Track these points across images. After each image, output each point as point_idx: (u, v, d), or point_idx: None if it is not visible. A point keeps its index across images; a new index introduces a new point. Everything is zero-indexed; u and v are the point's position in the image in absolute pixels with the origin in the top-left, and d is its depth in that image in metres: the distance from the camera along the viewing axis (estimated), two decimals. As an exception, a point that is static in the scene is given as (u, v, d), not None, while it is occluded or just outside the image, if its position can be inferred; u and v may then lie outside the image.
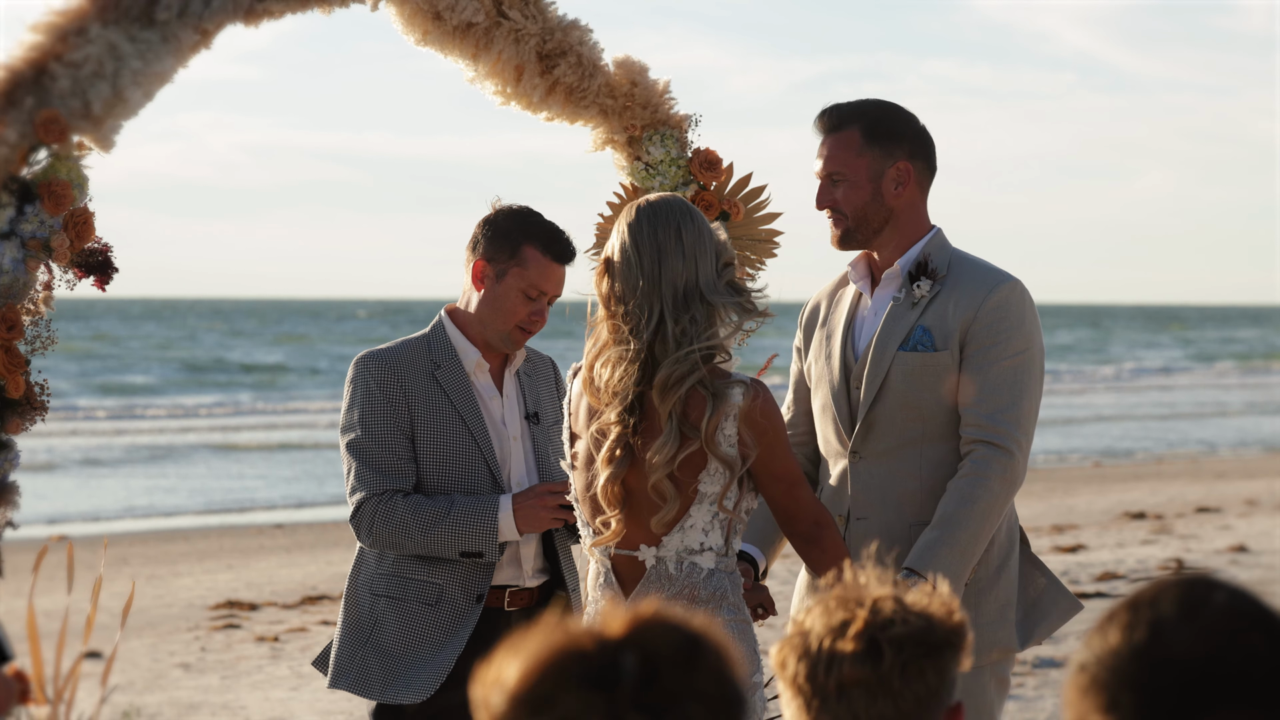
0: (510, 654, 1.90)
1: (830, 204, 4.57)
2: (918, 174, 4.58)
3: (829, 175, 4.57)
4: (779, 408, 4.09)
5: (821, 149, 4.59)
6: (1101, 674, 1.93)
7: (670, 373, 3.96)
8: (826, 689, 2.32)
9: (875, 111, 4.58)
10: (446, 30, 4.54)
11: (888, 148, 4.55)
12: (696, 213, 4.08)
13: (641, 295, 3.99)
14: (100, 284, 4.11)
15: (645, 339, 3.98)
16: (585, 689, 1.84)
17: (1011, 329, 4.47)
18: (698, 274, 4.01)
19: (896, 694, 2.33)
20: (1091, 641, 1.97)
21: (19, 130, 3.92)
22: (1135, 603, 1.96)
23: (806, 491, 4.14)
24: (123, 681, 9.64)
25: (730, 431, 3.99)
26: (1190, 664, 1.89)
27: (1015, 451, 4.41)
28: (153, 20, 4.00)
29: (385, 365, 4.77)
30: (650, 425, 4.00)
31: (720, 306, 4.01)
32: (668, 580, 4.04)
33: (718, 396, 3.97)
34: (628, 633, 1.88)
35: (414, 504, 4.69)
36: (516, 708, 1.86)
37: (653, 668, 1.86)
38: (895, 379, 4.50)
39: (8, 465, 4.04)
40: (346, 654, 4.79)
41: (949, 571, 4.29)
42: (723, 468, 3.99)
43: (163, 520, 17.49)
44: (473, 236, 4.83)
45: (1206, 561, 12.81)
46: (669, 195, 4.13)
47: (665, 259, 4.00)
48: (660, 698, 1.86)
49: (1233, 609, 1.93)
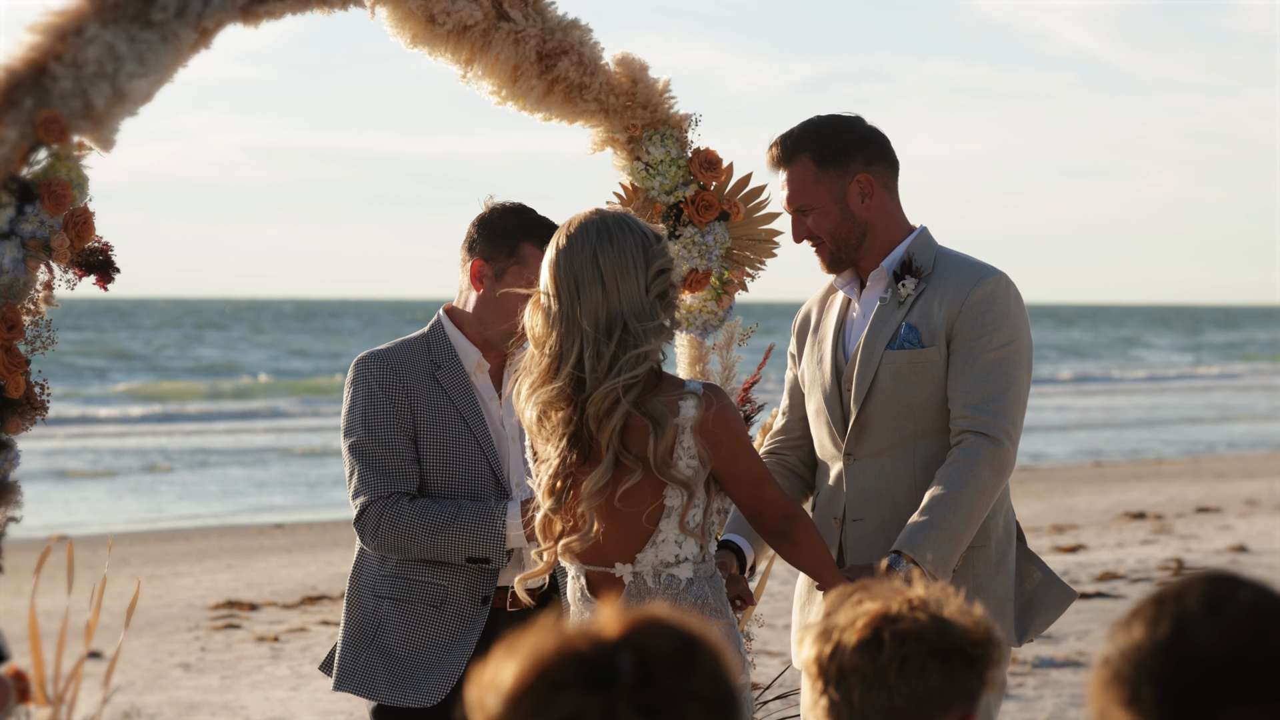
0: (505, 655, 1.90)
1: (806, 235, 4.60)
2: (879, 179, 4.58)
3: (796, 209, 4.60)
4: (735, 411, 4.02)
5: (782, 185, 4.61)
6: (1124, 668, 1.94)
7: (599, 408, 3.88)
8: (830, 673, 2.35)
9: (820, 133, 4.58)
10: (440, 34, 4.53)
11: (841, 166, 4.56)
12: (619, 227, 3.92)
13: (560, 333, 3.90)
14: (101, 283, 4.12)
15: (568, 374, 3.90)
16: (581, 690, 1.84)
17: (997, 321, 4.47)
18: (620, 300, 3.88)
19: (891, 688, 2.34)
20: (1115, 636, 1.97)
21: (19, 130, 3.92)
22: (1160, 598, 1.97)
23: (773, 488, 4.09)
24: (123, 682, 9.64)
25: (689, 444, 3.93)
26: (1213, 660, 1.90)
27: (1004, 440, 4.42)
28: (150, 20, 4.00)
29: (386, 366, 4.75)
30: (593, 452, 3.94)
31: (641, 334, 3.88)
32: (647, 594, 4.01)
33: (659, 421, 3.88)
34: (624, 633, 1.88)
35: (420, 508, 4.67)
36: (512, 710, 1.86)
37: (649, 668, 1.86)
38: (884, 378, 4.51)
39: (8, 465, 4.04)
40: (350, 656, 4.77)
41: (937, 555, 4.30)
42: (679, 488, 3.95)
43: (162, 520, 17.49)
44: (468, 236, 4.80)
45: (1206, 561, 12.81)
46: (589, 215, 3.96)
47: (582, 290, 3.88)
48: (657, 698, 1.85)
49: (1257, 606, 1.93)
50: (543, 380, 3.94)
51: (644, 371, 3.91)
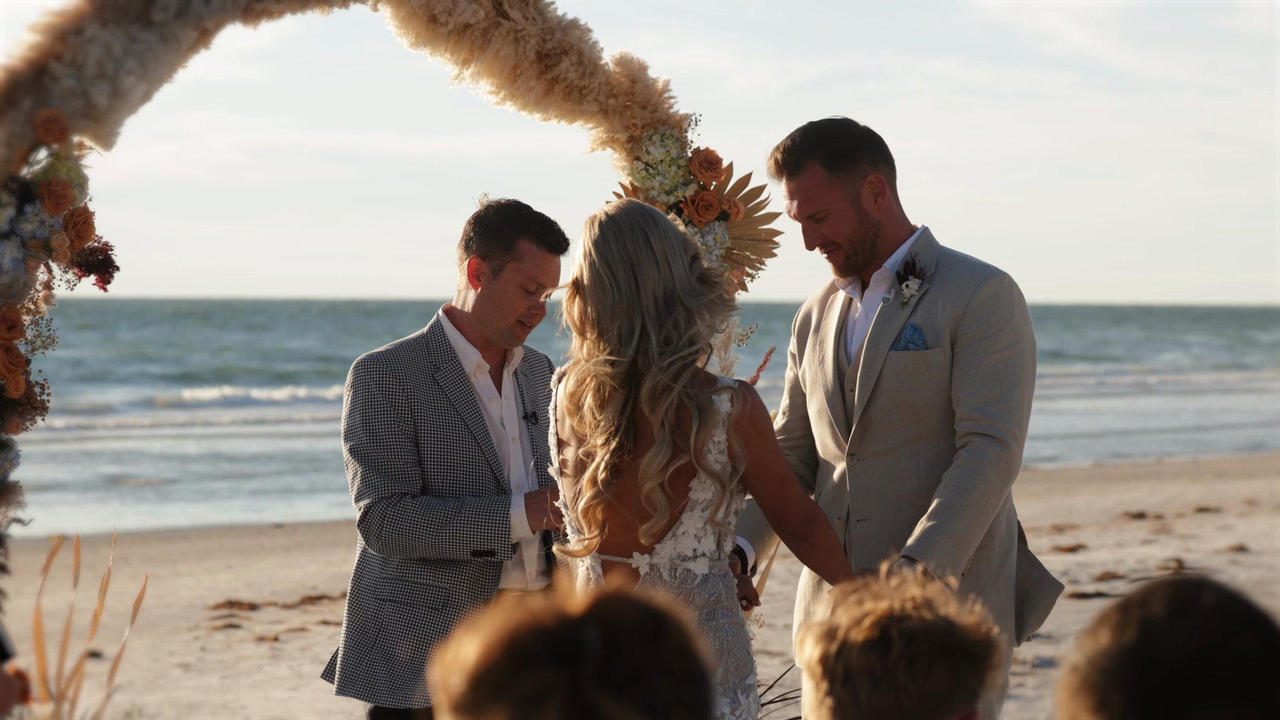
0: (468, 634, 1.85)
1: (820, 241, 4.56)
2: (886, 179, 4.58)
3: (809, 216, 4.56)
4: (766, 410, 4.06)
5: (790, 194, 4.57)
6: (1092, 674, 1.93)
7: (656, 383, 3.91)
8: (835, 673, 2.34)
9: (827, 138, 4.55)
10: (442, 33, 4.54)
11: (852, 168, 4.53)
12: (656, 213, 4.03)
13: (621, 313, 3.93)
14: (101, 283, 4.11)
15: (629, 356, 3.93)
16: (547, 665, 1.80)
17: (1002, 322, 4.47)
18: (674, 278, 3.95)
19: (900, 687, 2.34)
20: (1082, 643, 1.97)
21: (19, 130, 3.92)
22: (1126, 604, 1.97)
23: (796, 490, 4.11)
24: (123, 681, 9.64)
25: (720, 439, 3.96)
26: (1180, 663, 1.90)
27: (1010, 443, 4.42)
28: (150, 20, 4.00)
29: (386, 368, 4.74)
30: (642, 437, 3.97)
31: (697, 309, 3.96)
32: (662, 587, 4.01)
33: (703, 410, 3.93)
34: (589, 608, 1.84)
35: (423, 505, 4.67)
36: (477, 688, 1.82)
37: (615, 642, 1.82)
38: (888, 379, 4.50)
39: (8, 465, 4.04)
40: (353, 660, 4.77)
41: (946, 559, 4.30)
42: (712, 480, 3.97)
43: (163, 520, 17.48)
44: (464, 234, 4.80)
45: (1206, 561, 12.81)
46: (626, 203, 4.06)
47: (640, 270, 3.94)
48: (624, 672, 1.81)
49: (1222, 608, 1.93)
50: (605, 365, 3.96)
51: (697, 351, 3.96)
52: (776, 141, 4.61)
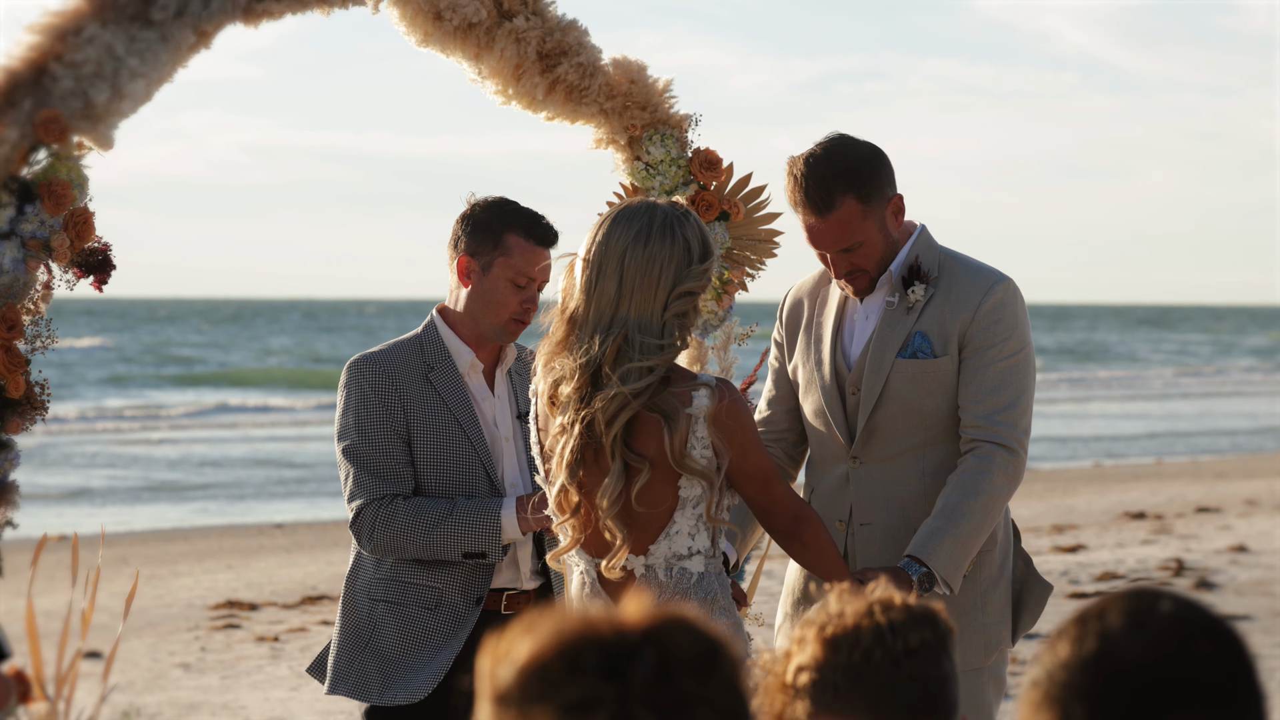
0: (524, 629, 1.85)
1: (849, 269, 4.49)
2: (901, 195, 4.54)
3: (843, 250, 4.47)
4: (746, 406, 4.03)
5: (824, 232, 4.44)
6: (1053, 689, 1.94)
7: (605, 407, 3.88)
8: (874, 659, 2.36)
9: (854, 170, 4.43)
10: (448, 30, 4.54)
11: (880, 197, 4.46)
12: (662, 234, 3.93)
13: (604, 305, 3.90)
14: (98, 283, 4.11)
15: (596, 354, 3.89)
16: (598, 677, 1.79)
17: (1008, 330, 4.47)
18: (631, 306, 3.89)
19: (896, 683, 2.38)
20: (1042, 657, 1.98)
21: (19, 130, 3.92)
22: (1083, 616, 1.98)
23: (782, 487, 4.08)
24: (123, 681, 9.64)
25: (702, 434, 3.92)
26: (1140, 672, 1.91)
27: (1017, 449, 4.42)
28: (150, 20, 4.00)
29: (379, 369, 4.74)
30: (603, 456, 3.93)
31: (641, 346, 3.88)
32: (658, 587, 3.99)
33: (670, 415, 3.89)
34: (649, 628, 1.83)
35: (415, 506, 4.67)
36: (525, 685, 1.81)
37: (669, 668, 1.81)
38: (895, 385, 4.48)
39: (8, 465, 4.04)
40: (345, 659, 4.77)
41: (950, 561, 4.30)
42: (700, 481, 3.95)
43: (163, 520, 17.49)
44: (453, 234, 4.80)
45: (1206, 561, 12.80)
46: (648, 207, 3.97)
47: (600, 278, 3.90)
48: (673, 700, 1.80)
49: (1179, 616, 1.95)
50: (565, 343, 3.94)
51: (654, 381, 3.89)
52: (786, 155, 4.49)
